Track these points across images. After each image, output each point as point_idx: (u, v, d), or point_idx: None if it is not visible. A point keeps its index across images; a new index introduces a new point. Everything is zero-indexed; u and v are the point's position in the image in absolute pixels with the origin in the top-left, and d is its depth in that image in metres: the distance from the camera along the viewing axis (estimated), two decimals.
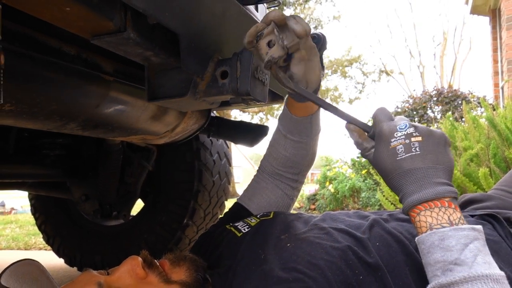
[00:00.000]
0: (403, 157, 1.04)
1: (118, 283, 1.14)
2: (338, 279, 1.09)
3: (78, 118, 1.78)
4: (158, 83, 1.43)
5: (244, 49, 1.30)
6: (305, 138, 1.52)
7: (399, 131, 1.07)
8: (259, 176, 1.65)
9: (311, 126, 1.51)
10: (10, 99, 1.48)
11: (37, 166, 2.91)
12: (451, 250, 0.96)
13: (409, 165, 1.04)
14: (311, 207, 8.89)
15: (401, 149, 1.05)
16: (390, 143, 1.06)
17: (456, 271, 0.94)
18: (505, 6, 8.86)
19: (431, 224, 1.01)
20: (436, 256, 0.98)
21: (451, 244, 0.97)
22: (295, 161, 1.57)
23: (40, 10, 1.08)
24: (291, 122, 1.49)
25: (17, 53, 1.44)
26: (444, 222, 1.00)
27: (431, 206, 1.02)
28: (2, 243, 6.26)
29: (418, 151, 1.04)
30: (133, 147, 3.06)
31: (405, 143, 1.05)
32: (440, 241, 0.98)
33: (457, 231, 0.98)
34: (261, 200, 1.61)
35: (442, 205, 1.02)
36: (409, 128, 1.06)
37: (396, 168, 1.05)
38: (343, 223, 1.33)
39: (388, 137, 1.07)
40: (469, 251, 0.95)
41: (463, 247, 0.96)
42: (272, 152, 1.60)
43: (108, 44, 1.21)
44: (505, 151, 3.43)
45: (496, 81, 10.82)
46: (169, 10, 1.16)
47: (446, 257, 0.96)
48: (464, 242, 0.96)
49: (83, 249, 3.43)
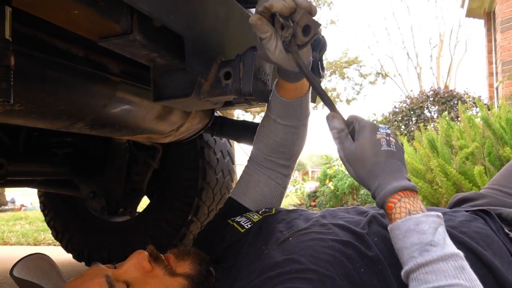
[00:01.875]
0: (385, 148, 1.13)
1: (125, 276, 1.14)
2: (340, 272, 1.09)
3: (86, 118, 1.78)
4: (163, 84, 1.43)
5: (247, 51, 1.31)
6: (295, 122, 1.51)
7: (381, 128, 1.17)
8: (251, 168, 1.63)
9: (301, 108, 1.49)
10: (20, 99, 1.48)
11: (46, 164, 2.91)
12: (425, 233, 1.03)
13: (389, 156, 1.13)
14: (311, 204, 8.89)
15: (384, 142, 1.14)
16: (376, 134, 1.14)
17: (432, 251, 1.00)
18: (500, 9, 8.86)
19: (410, 210, 1.08)
20: (413, 239, 1.03)
21: (425, 228, 1.03)
22: (286, 145, 1.56)
23: (49, 12, 1.08)
24: (281, 105, 1.47)
25: (26, 55, 1.44)
26: (418, 209, 1.08)
27: (407, 194, 1.10)
28: (12, 239, 6.27)
29: (394, 149, 1.15)
30: (139, 145, 3.06)
31: (387, 139, 1.15)
32: (415, 225, 1.04)
33: (427, 217, 1.05)
34: (255, 194, 1.59)
35: (414, 196, 1.11)
36: (388, 129, 1.18)
37: (376, 156, 1.13)
38: (342, 219, 1.33)
39: (374, 130, 1.15)
40: (439, 234, 1.03)
41: (434, 230, 1.03)
42: (262, 139, 1.58)
43: (115, 46, 1.21)
44: (500, 149, 3.43)
45: (490, 82, 10.82)
46: (174, 13, 1.16)
47: (422, 239, 1.02)
48: (434, 226, 1.04)
49: (91, 245, 3.44)
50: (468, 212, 1.38)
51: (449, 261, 0.99)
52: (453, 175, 3.36)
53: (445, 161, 3.55)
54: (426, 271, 0.99)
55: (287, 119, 1.50)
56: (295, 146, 1.58)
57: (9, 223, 8.35)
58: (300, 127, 1.54)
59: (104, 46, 1.20)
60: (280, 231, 1.30)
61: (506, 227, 1.31)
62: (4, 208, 16.03)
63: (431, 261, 0.99)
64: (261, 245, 1.26)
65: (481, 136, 3.71)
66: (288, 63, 1.27)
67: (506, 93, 8.04)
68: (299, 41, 1.21)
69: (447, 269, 0.98)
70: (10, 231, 7.13)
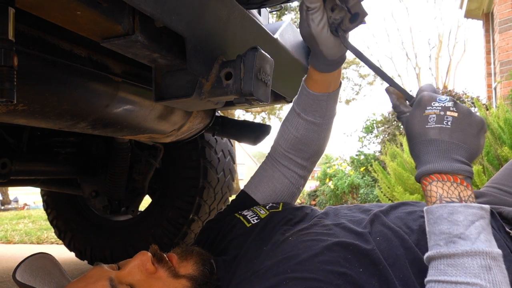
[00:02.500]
0: (431, 126, 1.04)
1: (128, 278, 1.13)
2: (337, 272, 1.08)
3: (89, 118, 1.78)
4: (165, 84, 1.43)
5: (247, 51, 1.31)
6: (318, 119, 1.49)
7: (438, 101, 1.06)
8: (267, 163, 1.62)
9: (326, 105, 1.47)
10: (23, 99, 1.48)
11: (49, 163, 2.91)
12: (457, 224, 0.97)
13: (435, 135, 1.04)
14: (311, 203, 8.90)
15: (432, 118, 1.05)
16: (425, 109, 1.06)
17: (459, 244, 0.95)
18: (498, 10, 8.85)
19: (441, 195, 1.02)
20: (442, 227, 0.99)
21: (459, 219, 0.98)
22: (305, 143, 1.54)
23: (52, 13, 1.08)
24: (307, 98, 1.46)
25: (30, 55, 1.44)
26: (454, 197, 1.01)
27: (443, 178, 1.03)
28: (15, 237, 6.27)
29: (448, 125, 1.03)
30: (141, 145, 3.07)
31: (438, 114, 1.04)
32: (449, 214, 0.99)
33: (466, 208, 0.98)
34: (266, 188, 1.59)
35: (455, 180, 1.02)
36: (448, 102, 1.06)
37: (421, 134, 1.06)
38: (345, 217, 1.33)
39: (425, 104, 1.07)
40: (474, 228, 0.96)
41: (470, 223, 0.97)
42: (283, 132, 1.57)
43: (117, 47, 1.21)
44: (498, 149, 3.43)
45: (489, 82, 10.81)
46: (176, 14, 1.16)
47: (452, 230, 0.97)
48: (471, 219, 0.97)
49: (93, 243, 3.44)
50: None
51: (476, 258, 0.94)
52: None
53: None
54: (448, 263, 0.96)
55: (311, 114, 1.49)
56: (314, 146, 1.56)
57: (12, 222, 8.37)
58: (322, 125, 1.52)
59: (107, 46, 1.20)
60: (283, 230, 1.30)
61: (507, 225, 1.30)
62: (7, 207, 16.07)
63: (455, 254, 0.95)
64: (263, 243, 1.27)
65: None
66: (328, 44, 1.27)
67: (504, 93, 8.04)
68: (344, 27, 1.23)
69: (470, 266, 0.93)
70: (14, 229, 7.14)
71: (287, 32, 2.02)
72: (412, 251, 1.16)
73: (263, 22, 2.32)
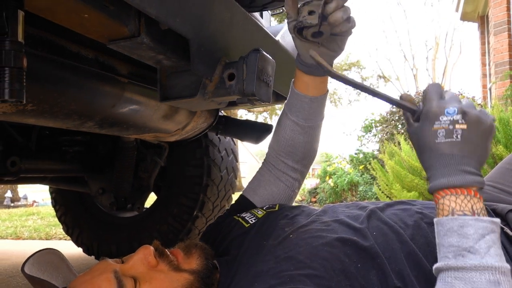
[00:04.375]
0: (441, 141, 1.00)
1: (131, 271, 1.14)
2: (337, 267, 1.08)
3: (96, 117, 1.78)
4: (169, 85, 1.43)
5: (250, 53, 1.31)
6: (301, 121, 1.49)
7: (446, 115, 1.01)
8: (263, 168, 1.64)
9: (309, 108, 1.47)
10: (32, 99, 1.48)
11: (58, 161, 2.91)
12: (467, 238, 0.94)
13: (445, 149, 1.00)
14: (312, 200, 8.90)
15: (442, 133, 1.00)
16: (434, 124, 1.02)
17: (468, 257, 0.93)
18: (493, 13, 8.86)
19: (454, 209, 0.98)
20: (452, 240, 0.96)
21: (469, 232, 0.94)
22: (292, 145, 1.54)
23: (60, 16, 1.08)
24: (291, 95, 1.47)
25: (39, 57, 1.44)
26: (466, 210, 0.97)
27: (457, 192, 0.99)
28: (25, 234, 6.28)
29: (458, 139, 1.00)
30: (146, 144, 3.07)
31: (448, 129, 1.00)
32: (459, 227, 0.96)
33: (478, 221, 0.95)
34: (264, 192, 1.60)
35: (468, 193, 0.99)
36: (457, 115, 1.00)
37: (432, 150, 1.02)
38: (343, 214, 1.33)
39: (433, 119, 1.02)
40: (484, 242, 0.93)
41: (480, 237, 0.94)
42: (275, 134, 1.58)
43: (123, 48, 1.21)
44: (493, 148, 3.43)
45: (484, 83, 10.82)
46: (180, 16, 1.16)
47: (461, 243, 0.94)
48: (482, 233, 0.94)
49: (100, 239, 3.44)
50: None
51: (484, 273, 0.90)
52: None
53: None
54: (455, 276, 0.93)
55: (294, 114, 1.49)
56: (301, 148, 1.55)
57: (21, 218, 8.38)
58: (305, 129, 1.51)
59: (113, 48, 1.20)
60: (281, 227, 1.30)
61: (501, 222, 1.30)
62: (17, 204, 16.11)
63: (463, 267, 0.92)
64: (263, 240, 1.26)
65: None
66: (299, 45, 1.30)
67: (499, 94, 8.04)
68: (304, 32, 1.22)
69: (478, 281, 0.90)
70: (23, 226, 7.16)
71: (288, 34, 2.02)
72: (407, 245, 1.16)
73: (265, 24, 2.32)
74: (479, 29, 11.20)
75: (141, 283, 1.12)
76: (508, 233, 1.25)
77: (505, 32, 8.54)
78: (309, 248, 1.14)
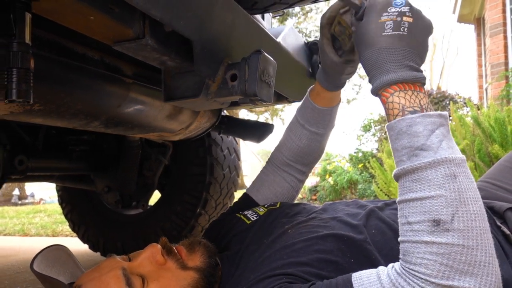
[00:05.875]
0: (389, 33, 0.95)
1: (139, 269, 1.13)
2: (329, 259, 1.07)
3: (101, 117, 1.78)
4: (173, 85, 1.43)
5: (252, 54, 1.31)
6: (321, 130, 1.51)
7: (394, 6, 0.96)
8: (268, 169, 1.64)
9: (330, 118, 1.50)
10: (39, 99, 1.48)
11: (64, 160, 2.92)
12: (418, 136, 0.90)
13: (392, 43, 0.95)
14: (312, 198, 8.90)
15: (389, 25, 0.95)
16: (381, 16, 0.96)
17: (421, 156, 0.89)
18: (489, 15, 8.85)
19: (404, 106, 0.94)
20: (403, 142, 0.92)
21: (419, 130, 0.90)
22: (306, 152, 1.55)
23: (67, 18, 1.08)
24: (313, 112, 1.48)
25: (46, 58, 1.44)
26: (415, 106, 0.93)
27: (405, 88, 0.94)
28: (32, 230, 6.29)
29: (405, 32, 0.95)
30: (150, 143, 3.07)
31: (396, 20, 0.95)
32: (408, 127, 0.92)
33: (425, 117, 0.91)
34: (267, 192, 1.60)
35: (415, 89, 0.95)
36: (404, 7, 0.96)
37: (378, 42, 0.96)
38: (342, 212, 1.33)
39: (381, 10, 0.97)
40: (435, 137, 0.90)
41: (430, 133, 0.90)
42: (286, 142, 1.58)
43: (128, 50, 1.21)
44: (489, 147, 3.43)
45: (480, 84, 10.81)
46: (184, 18, 1.16)
47: (413, 143, 0.91)
48: (431, 128, 0.90)
49: (106, 236, 3.45)
50: None
51: (439, 168, 0.87)
52: None
53: None
54: (412, 178, 0.90)
55: (315, 126, 1.50)
56: (315, 154, 1.58)
57: (29, 216, 8.40)
58: (324, 135, 1.54)
59: (118, 49, 1.20)
60: (282, 225, 1.30)
61: (498, 220, 1.29)
62: (24, 201, 16.13)
63: (418, 167, 0.89)
64: (263, 236, 1.27)
65: (472, 134, 3.72)
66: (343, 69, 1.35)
67: (494, 94, 8.03)
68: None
69: (434, 178, 0.87)
70: (30, 223, 7.17)
71: (289, 36, 2.01)
72: None
73: (267, 26, 2.32)
74: (475, 31, 11.20)
75: (149, 282, 1.11)
76: (505, 231, 1.25)
77: (500, 34, 8.53)
78: (304, 240, 1.14)
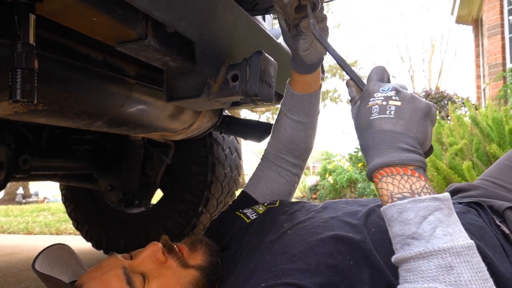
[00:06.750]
0: (375, 117, 0.93)
1: (140, 267, 1.13)
2: (329, 263, 1.07)
3: (104, 117, 1.78)
4: (175, 86, 1.43)
5: (253, 55, 1.31)
6: (303, 118, 1.51)
7: (380, 92, 0.96)
8: (263, 165, 1.63)
9: (309, 105, 1.50)
10: (43, 99, 1.48)
11: (68, 159, 2.92)
12: (408, 224, 0.85)
13: (379, 126, 0.93)
14: (312, 197, 8.90)
15: (375, 109, 0.94)
16: (369, 101, 0.96)
17: (413, 245, 0.84)
18: (487, 16, 8.86)
19: (392, 192, 0.89)
20: (395, 230, 0.88)
21: (409, 217, 0.85)
22: (293, 142, 1.55)
23: (70, 20, 1.08)
24: (291, 99, 1.49)
25: (49, 59, 1.44)
26: (405, 191, 0.88)
27: (392, 172, 0.90)
28: (36, 229, 6.29)
29: (392, 115, 0.92)
30: (153, 142, 3.07)
31: (381, 104, 0.94)
32: (398, 214, 0.87)
33: (416, 203, 0.86)
34: (264, 188, 1.60)
35: (405, 172, 0.89)
36: (391, 91, 0.95)
37: (367, 127, 0.95)
38: (342, 210, 1.32)
39: (368, 96, 0.97)
40: (427, 224, 0.84)
41: (422, 219, 0.84)
42: (274, 134, 1.59)
43: (131, 51, 1.21)
44: (487, 146, 3.42)
45: (478, 84, 10.81)
46: (186, 20, 1.16)
47: (404, 231, 0.86)
48: (423, 214, 0.84)
49: (109, 234, 3.45)
50: (462, 204, 1.36)
51: (432, 259, 0.81)
52: (444, 170, 3.36)
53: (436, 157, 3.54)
54: (406, 268, 0.86)
55: (295, 113, 1.50)
56: (302, 144, 1.57)
57: (33, 214, 8.40)
58: (307, 124, 1.53)
59: (121, 50, 1.20)
60: (281, 223, 1.29)
61: (497, 218, 1.28)
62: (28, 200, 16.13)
63: (410, 257, 0.84)
64: (262, 236, 1.26)
65: (470, 134, 3.71)
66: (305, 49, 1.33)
67: (492, 94, 8.03)
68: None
69: (427, 269, 0.82)
70: (34, 221, 7.17)
71: None
72: None
73: (267, 27, 2.32)
74: (473, 31, 11.19)
75: (150, 280, 1.11)
76: (504, 231, 1.24)
77: (498, 35, 8.53)
78: (304, 244, 1.13)
